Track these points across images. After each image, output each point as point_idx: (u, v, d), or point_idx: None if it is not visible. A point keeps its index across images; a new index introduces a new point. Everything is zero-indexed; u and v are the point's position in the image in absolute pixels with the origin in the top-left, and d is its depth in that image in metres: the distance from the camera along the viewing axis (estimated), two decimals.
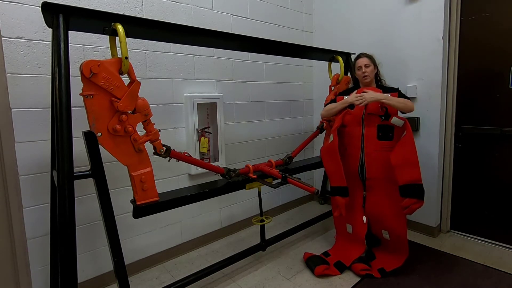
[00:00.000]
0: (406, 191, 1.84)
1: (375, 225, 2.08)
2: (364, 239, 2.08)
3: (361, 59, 2.10)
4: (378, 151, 1.98)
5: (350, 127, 2.08)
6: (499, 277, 1.92)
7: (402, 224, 1.94)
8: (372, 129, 1.99)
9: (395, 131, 1.94)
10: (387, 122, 1.93)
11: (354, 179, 2.10)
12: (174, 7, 2.12)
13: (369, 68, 2.07)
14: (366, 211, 2.07)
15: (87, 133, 1.27)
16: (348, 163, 2.11)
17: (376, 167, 1.99)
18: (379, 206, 2.02)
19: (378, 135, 1.97)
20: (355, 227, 2.12)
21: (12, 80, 1.56)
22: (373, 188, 2.04)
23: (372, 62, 2.10)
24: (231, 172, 1.84)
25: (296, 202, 3.24)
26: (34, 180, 1.65)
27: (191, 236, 2.36)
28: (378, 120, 1.96)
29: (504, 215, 2.29)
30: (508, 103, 2.20)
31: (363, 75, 2.07)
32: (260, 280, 1.97)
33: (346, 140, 2.12)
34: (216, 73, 2.41)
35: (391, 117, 1.91)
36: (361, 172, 2.05)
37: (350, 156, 2.10)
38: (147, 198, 1.46)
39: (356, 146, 2.05)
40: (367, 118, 1.99)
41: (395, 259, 1.98)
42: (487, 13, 2.24)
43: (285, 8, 2.90)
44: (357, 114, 2.03)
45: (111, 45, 1.38)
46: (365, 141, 2.01)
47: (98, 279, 1.91)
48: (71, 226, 1.17)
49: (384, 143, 1.96)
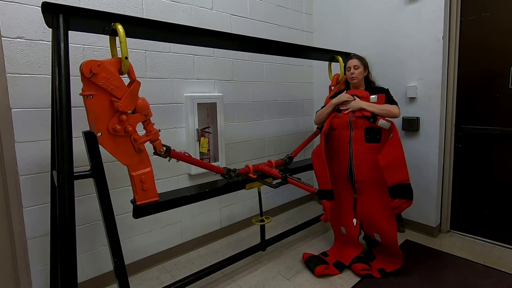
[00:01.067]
0: (395, 192, 1.85)
1: (367, 228, 2.08)
2: (357, 240, 2.09)
3: (351, 60, 2.11)
4: (366, 154, 1.98)
5: (338, 130, 2.09)
6: (499, 277, 1.92)
7: (392, 229, 1.93)
8: (360, 131, 1.99)
9: (383, 133, 1.95)
10: (374, 125, 1.94)
11: (343, 181, 2.10)
12: (174, 7, 2.12)
13: (358, 70, 2.07)
14: (357, 213, 2.07)
15: (87, 133, 1.27)
16: (338, 166, 2.11)
17: (364, 170, 1.99)
18: (369, 209, 2.02)
19: (366, 138, 1.98)
20: (347, 229, 2.12)
21: (12, 80, 1.56)
22: (363, 191, 2.03)
23: (363, 64, 2.10)
24: (231, 172, 1.84)
25: (296, 202, 3.24)
26: (34, 180, 1.65)
27: (191, 236, 2.36)
28: (365, 123, 1.96)
29: (504, 215, 2.29)
30: (508, 103, 2.20)
31: (351, 76, 2.09)
32: (260, 280, 1.97)
33: (336, 143, 2.12)
34: (216, 73, 2.41)
35: (378, 120, 1.93)
36: (350, 175, 2.05)
37: (339, 159, 2.10)
38: (147, 198, 1.46)
39: (345, 149, 2.06)
40: (354, 121, 2.00)
41: (394, 260, 1.98)
42: (487, 13, 2.24)
43: (285, 8, 2.90)
44: (345, 118, 2.04)
45: (111, 45, 1.38)
46: (353, 144, 2.01)
47: (98, 279, 1.91)
48: (71, 226, 1.17)
49: (372, 145, 1.97)
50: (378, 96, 2.01)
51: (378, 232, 2.01)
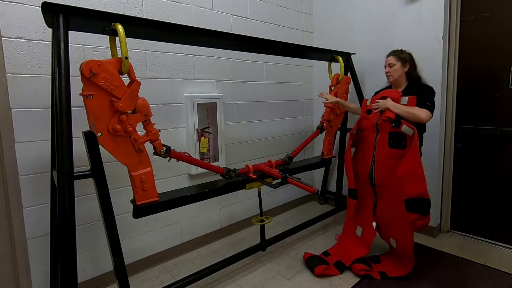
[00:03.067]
0: (411, 206, 1.80)
1: (384, 232, 2.06)
2: (369, 243, 2.05)
3: (388, 58, 2.07)
4: (388, 159, 1.92)
5: (366, 132, 2.06)
6: (499, 277, 1.92)
7: (409, 236, 1.88)
8: (385, 135, 1.93)
9: (408, 140, 1.84)
10: (397, 130, 1.85)
11: (365, 183, 2.08)
12: (174, 7, 2.12)
13: (393, 68, 2.02)
14: (377, 216, 2.05)
15: (87, 133, 1.27)
16: (362, 167, 2.10)
17: (385, 175, 1.94)
18: (388, 214, 1.98)
19: (389, 143, 1.91)
20: (364, 230, 2.10)
21: (12, 80, 1.56)
22: (383, 195, 1.99)
23: (400, 59, 2.02)
24: (231, 172, 1.84)
25: (296, 202, 3.24)
26: (34, 180, 1.65)
27: (191, 236, 2.36)
28: (390, 127, 1.90)
29: (504, 215, 2.29)
30: (508, 103, 2.20)
31: (386, 75, 2.07)
32: (260, 280, 1.97)
33: (363, 144, 2.11)
34: (216, 73, 2.41)
35: (401, 125, 1.83)
36: (371, 178, 2.02)
37: (364, 160, 2.08)
38: (147, 198, 1.46)
39: (369, 152, 2.03)
40: (380, 124, 1.95)
41: (399, 267, 1.95)
42: (487, 13, 2.24)
43: (285, 8, 2.90)
44: (372, 119, 2.00)
45: (111, 45, 1.38)
46: (377, 148, 1.97)
47: (98, 279, 1.91)
48: (71, 226, 1.17)
49: (396, 151, 1.88)
50: (410, 98, 1.88)
51: (395, 238, 1.97)
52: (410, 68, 2.05)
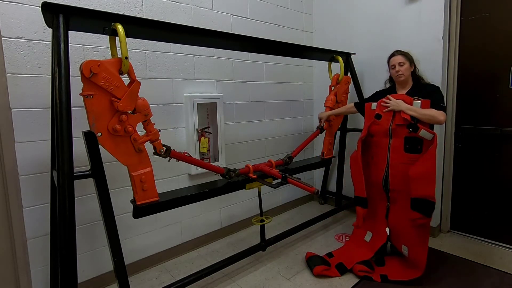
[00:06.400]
0: (416, 205, 1.80)
1: (396, 238, 2.01)
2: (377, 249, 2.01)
3: (395, 57, 2.01)
4: (404, 164, 1.88)
5: (377, 137, 2.02)
6: (499, 277, 1.92)
7: (423, 243, 1.84)
8: (400, 140, 1.89)
9: (424, 144, 1.82)
10: (415, 135, 1.81)
11: (378, 189, 2.05)
12: (174, 7, 2.12)
13: (403, 67, 1.97)
14: (389, 222, 2.01)
15: (87, 133, 1.27)
16: (373, 173, 2.06)
17: (400, 180, 1.90)
18: (401, 220, 1.94)
19: (405, 147, 1.87)
20: (374, 236, 2.08)
21: (12, 80, 1.56)
22: (397, 200, 1.96)
23: (408, 59, 1.99)
24: (231, 172, 1.84)
25: (296, 202, 3.24)
26: (34, 180, 1.65)
27: (191, 236, 2.36)
28: (405, 131, 1.85)
29: (504, 215, 2.29)
30: (508, 103, 2.20)
31: (397, 74, 1.99)
32: (260, 280, 1.97)
33: (373, 150, 2.06)
34: (216, 73, 2.41)
35: (419, 130, 1.78)
36: (385, 183, 1.99)
37: (376, 165, 2.04)
38: (147, 198, 1.46)
39: (382, 157, 1.98)
40: (394, 129, 1.91)
41: (404, 272, 1.91)
42: (487, 13, 2.24)
43: (285, 8, 2.90)
44: (384, 125, 1.95)
45: (111, 45, 1.38)
46: (391, 153, 1.93)
47: (98, 279, 1.91)
48: (71, 226, 1.17)
49: (411, 155, 1.85)
50: (422, 101, 1.83)
51: (407, 244, 1.92)
52: (415, 69, 2.07)
